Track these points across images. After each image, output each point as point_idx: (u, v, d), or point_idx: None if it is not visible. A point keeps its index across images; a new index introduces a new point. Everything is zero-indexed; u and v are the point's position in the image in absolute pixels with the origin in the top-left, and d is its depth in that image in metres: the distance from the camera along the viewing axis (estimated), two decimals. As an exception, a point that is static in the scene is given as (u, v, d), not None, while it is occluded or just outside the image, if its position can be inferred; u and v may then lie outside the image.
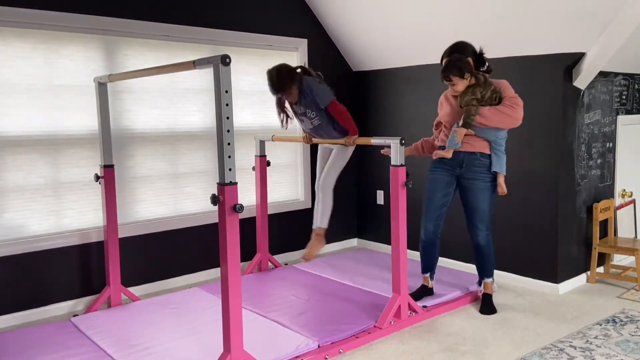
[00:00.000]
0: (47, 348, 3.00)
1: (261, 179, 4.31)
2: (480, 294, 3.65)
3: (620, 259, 4.32)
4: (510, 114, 3.27)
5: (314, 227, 3.78)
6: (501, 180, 3.39)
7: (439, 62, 4.51)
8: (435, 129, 3.67)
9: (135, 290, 3.96)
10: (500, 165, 3.38)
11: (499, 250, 3.95)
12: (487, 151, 3.38)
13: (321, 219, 3.74)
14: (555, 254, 3.84)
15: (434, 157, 3.47)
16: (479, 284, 3.67)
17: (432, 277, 3.72)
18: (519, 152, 3.93)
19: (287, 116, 3.63)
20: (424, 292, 3.69)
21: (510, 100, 3.30)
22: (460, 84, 3.30)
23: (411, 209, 4.59)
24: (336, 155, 3.73)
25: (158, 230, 4.10)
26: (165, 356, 2.87)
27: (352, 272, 4.29)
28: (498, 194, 3.44)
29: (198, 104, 4.28)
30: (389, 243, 3.42)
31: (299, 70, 3.52)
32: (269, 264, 4.46)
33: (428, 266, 3.69)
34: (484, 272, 3.60)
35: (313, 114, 3.51)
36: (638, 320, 3.35)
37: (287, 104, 3.60)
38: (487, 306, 3.56)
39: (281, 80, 3.40)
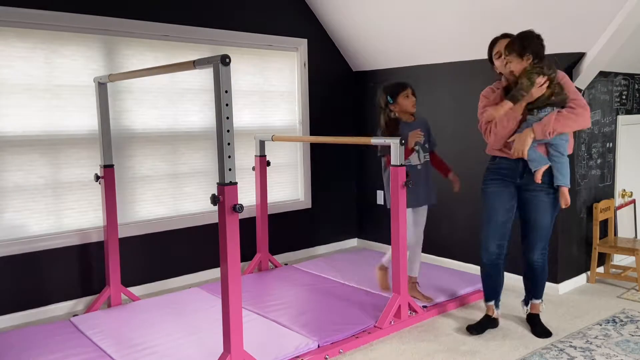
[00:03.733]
0: (47, 348, 3.00)
1: (261, 179, 4.31)
2: (525, 314, 3.33)
3: (620, 259, 4.32)
4: (581, 115, 2.84)
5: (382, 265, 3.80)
6: (565, 191, 2.92)
7: (439, 62, 4.53)
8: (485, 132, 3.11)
9: (135, 290, 3.95)
10: (564, 178, 2.90)
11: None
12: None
13: (412, 266, 3.58)
14: (555, 254, 3.84)
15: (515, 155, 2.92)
16: (525, 302, 3.30)
17: (497, 306, 3.27)
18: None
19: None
20: (488, 323, 3.25)
21: (575, 102, 2.87)
22: (516, 64, 2.83)
23: (411, 209, 4.59)
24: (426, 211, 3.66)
25: (158, 230, 4.10)
26: (165, 356, 2.87)
27: (352, 272, 4.29)
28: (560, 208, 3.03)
29: (198, 104, 4.27)
30: (389, 243, 3.40)
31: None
32: (269, 264, 4.46)
33: (492, 293, 3.24)
34: (535, 294, 3.23)
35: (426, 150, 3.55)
36: (638, 320, 3.35)
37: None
38: (539, 327, 3.19)
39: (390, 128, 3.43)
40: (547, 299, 3.75)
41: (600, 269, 4.19)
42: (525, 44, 2.80)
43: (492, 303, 3.27)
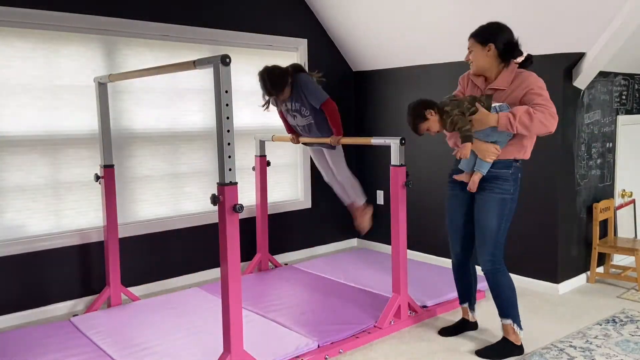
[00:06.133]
0: (47, 348, 3.00)
1: (261, 179, 4.31)
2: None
3: (620, 259, 4.32)
4: (549, 122, 2.67)
5: (350, 204, 3.92)
6: (476, 177, 2.82)
7: (439, 62, 4.53)
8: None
9: (135, 290, 3.95)
10: (483, 167, 2.81)
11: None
12: (506, 157, 2.81)
13: (357, 199, 3.85)
14: (555, 254, 3.84)
15: (456, 156, 2.91)
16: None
17: (472, 308, 3.19)
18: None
19: (269, 104, 3.69)
20: (463, 326, 3.20)
21: (545, 107, 2.67)
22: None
23: (411, 209, 4.60)
24: (331, 156, 3.78)
25: (158, 230, 4.10)
26: (165, 356, 2.87)
27: (352, 272, 4.29)
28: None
29: (198, 104, 4.27)
30: (389, 243, 3.41)
31: (290, 69, 3.58)
32: (269, 264, 4.46)
33: (464, 295, 3.17)
34: (500, 310, 2.94)
35: (306, 112, 3.59)
36: (638, 320, 3.35)
37: (273, 100, 3.69)
38: (493, 352, 2.91)
39: (273, 82, 3.47)
40: (547, 299, 3.75)
41: (600, 269, 4.19)
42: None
43: (465, 305, 3.19)
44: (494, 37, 2.77)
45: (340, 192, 3.96)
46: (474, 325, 3.23)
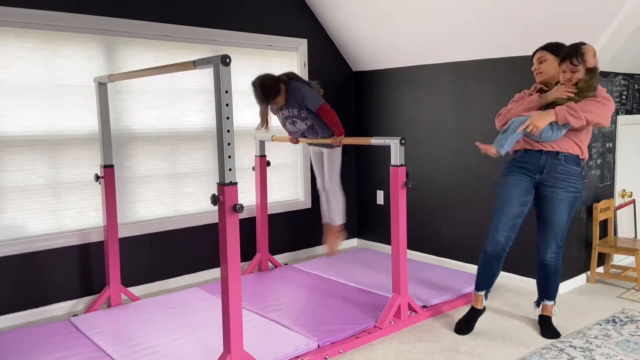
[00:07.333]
0: (47, 348, 3.00)
1: (261, 179, 4.31)
2: (537, 315, 3.30)
3: (620, 259, 4.32)
4: (607, 107, 2.81)
5: (327, 223, 3.93)
6: (489, 148, 2.91)
7: (438, 62, 4.53)
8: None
9: (135, 290, 3.96)
10: (502, 142, 2.87)
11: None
12: (574, 152, 2.92)
13: (336, 218, 3.87)
14: (555, 254, 3.84)
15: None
16: (537, 304, 3.26)
17: (486, 296, 3.27)
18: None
19: (267, 121, 3.71)
20: (474, 316, 3.25)
21: (601, 96, 2.85)
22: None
23: (411, 209, 4.60)
24: (329, 158, 3.80)
25: (158, 230, 4.10)
26: (165, 356, 2.87)
27: (352, 272, 4.29)
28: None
29: (198, 104, 4.28)
30: (389, 243, 3.41)
31: (283, 77, 3.63)
32: (269, 264, 4.46)
33: (486, 282, 3.21)
34: (546, 294, 3.18)
35: (305, 114, 3.63)
36: (638, 320, 3.35)
37: (270, 110, 3.71)
38: (548, 329, 3.16)
39: (266, 91, 3.51)
40: (547, 299, 3.75)
41: (600, 269, 4.19)
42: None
43: (483, 292, 3.24)
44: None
45: (324, 206, 3.98)
46: (482, 312, 3.30)
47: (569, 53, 2.85)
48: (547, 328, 3.18)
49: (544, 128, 2.80)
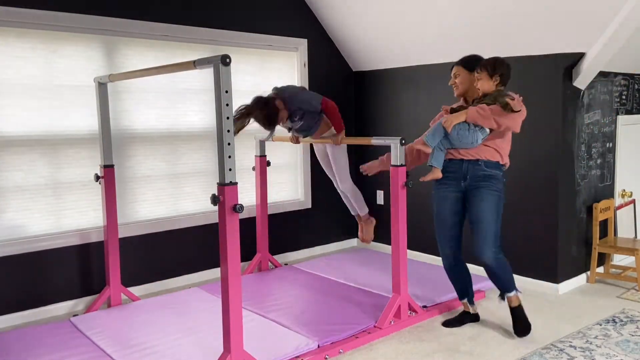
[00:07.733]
0: (47, 348, 3.00)
1: (261, 179, 4.31)
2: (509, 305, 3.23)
3: (620, 259, 4.32)
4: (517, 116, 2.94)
5: (356, 214, 3.98)
6: (425, 148, 3.05)
7: (438, 62, 4.53)
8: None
9: (135, 290, 3.95)
10: (428, 137, 3.02)
11: (499, 250, 3.95)
12: (493, 159, 3.06)
13: (361, 209, 3.90)
14: (555, 254, 3.84)
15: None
16: (501, 297, 3.21)
17: (471, 302, 3.36)
18: (519, 152, 3.92)
19: (272, 134, 3.70)
20: (466, 318, 3.37)
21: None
22: (485, 82, 2.97)
23: (411, 209, 4.60)
24: (333, 155, 3.76)
25: (158, 230, 4.10)
26: (165, 356, 2.87)
27: (352, 272, 4.29)
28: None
29: (198, 104, 4.27)
30: (389, 243, 3.40)
31: (273, 94, 3.53)
32: (269, 264, 4.46)
33: (461, 292, 3.35)
34: (504, 288, 3.17)
35: (313, 120, 3.58)
36: (638, 320, 3.35)
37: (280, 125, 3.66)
38: (520, 324, 3.16)
39: (265, 117, 3.43)
40: (547, 299, 3.75)
41: (600, 269, 4.19)
42: (498, 65, 2.96)
43: (465, 300, 3.36)
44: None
45: (346, 202, 4.00)
46: (475, 317, 3.38)
47: (474, 66, 3.05)
48: (518, 323, 3.17)
49: (461, 127, 2.97)
